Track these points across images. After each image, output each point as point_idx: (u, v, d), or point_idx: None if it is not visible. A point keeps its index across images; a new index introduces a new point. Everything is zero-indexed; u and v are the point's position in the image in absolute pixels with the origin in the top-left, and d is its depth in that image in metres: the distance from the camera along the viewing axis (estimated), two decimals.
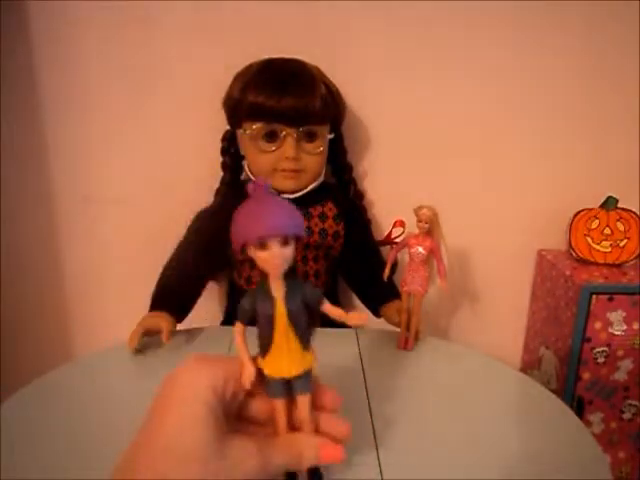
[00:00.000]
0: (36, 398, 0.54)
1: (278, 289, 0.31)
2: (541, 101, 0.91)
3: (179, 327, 0.71)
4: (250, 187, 0.32)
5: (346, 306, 0.94)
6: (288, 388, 0.33)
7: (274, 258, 0.30)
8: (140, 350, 0.64)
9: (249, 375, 0.32)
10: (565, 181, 0.94)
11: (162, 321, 0.66)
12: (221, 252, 0.75)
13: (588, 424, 0.86)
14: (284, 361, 0.32)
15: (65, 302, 0.97)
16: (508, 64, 0.89)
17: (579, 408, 0.85)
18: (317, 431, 0.34)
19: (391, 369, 0.61)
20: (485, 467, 0.44)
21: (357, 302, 0.90)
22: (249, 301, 0.32)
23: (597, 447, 0.48)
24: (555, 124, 0.92)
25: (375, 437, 0.48)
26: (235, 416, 0.33)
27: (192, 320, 0.74)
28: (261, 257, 0.30)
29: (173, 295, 0.72)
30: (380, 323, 0.77)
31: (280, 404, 0.33)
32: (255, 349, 0.33)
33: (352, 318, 0.33)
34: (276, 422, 0.34)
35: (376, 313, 0.79)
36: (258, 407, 0.34)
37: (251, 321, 0.33)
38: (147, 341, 0.65)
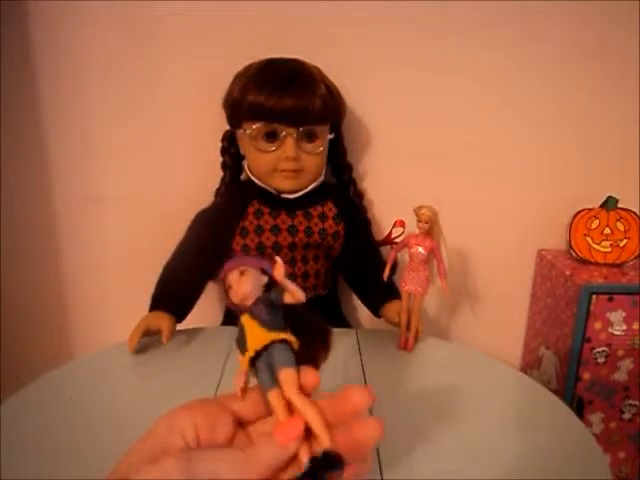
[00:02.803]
0: (36, 398, 0.54)
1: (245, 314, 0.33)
2: (541, 101, 0.91)
3: (179, 327, 0.71)
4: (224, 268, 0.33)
5: (346, 306, 0.94)
6: (274, 378, 0.32)
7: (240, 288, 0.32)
8: (140, 350, 0.64)
9: (240, 382, 0.33)
10: (565, 181, 0.94)
11: (162, 321, 0.66)
12: (221, 252, 0.75)
13: (588, 424, 0.86)
14: (252, 339, 0.32)
15: (65, 302, 0.97)
16: (508, 65, 0.89)
17: (579, 408, 0.85)
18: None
19: (391, 369, 0.61)
20: (485, 467, 0.44)
21: (357, 302, 0.90)
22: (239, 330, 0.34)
23: (597, 447, 0.48)
24: (555, 124, 0.92)
25: None
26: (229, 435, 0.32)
27: (192, 320, 0.74)
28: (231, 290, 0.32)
29: (173, 295, 0.72)
30: (380, 323, 0.78)
31: (273, 394, 0.31)
32: None
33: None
34: (277, 415, 0.31)
35: (376, 313, 0.79)
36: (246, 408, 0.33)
37: None
38: (147, 341, 0.65)
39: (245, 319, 0.33)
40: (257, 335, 0.33)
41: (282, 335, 0.33)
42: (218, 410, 0.31)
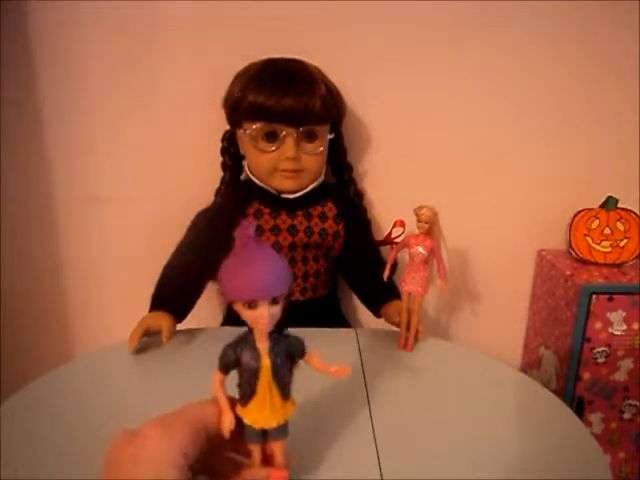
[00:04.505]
0: (36, 398, 0.54)
1: (263, 342, 0.32)
2: (541, 101, 0.91)
3: (179, 327, 0.71)
4: (238, 233, 0.31)
5: (346, 306, 0.94)
6: (264, 433, 0.34)
7: (262, 318, 0.31)
8: (140, 350, 0.64)
9: (229, 424, 0.32)
10: (565, 181, 0.94)
11: (162, 321, 0.66)
12: (221, 252, 0.75)
13: (588, 424, 0.86)
14: (266, 412, 0.32)
15: (65, 302, 0.97)
16: (508, 65, 0.89)
17: (579, 408, 0.85)
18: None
19: (391, 369, 0.61)
20: (485, 467, 0.44)
21: (357, 302, 0.90)
22: (232, 355, 0.33)
23: (597, 447, 0.48)
24: (555, 124, 0.92)
25: (375, 437, 0.48)
26: (210, 459, 0.33)
27: (192, 320, 0.74)
28: (249, 316, 0.31)
29: (173, 295, 0.72)
30: (380, 323, 0.78)
31: (256, 449, 0.34)
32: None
33: (334, 371, 0.34)
34: (253, 464, 0.34)
35: (376, 313, 0.79)
36: (235, 449, 0.35)
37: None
38: (147, 341, 0.65)
39: (264, 368, 0.32)
40: (276, 405, 0.32)
41: (292, 408, 0.34)
42: (196, 431, 0.31)
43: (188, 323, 0.73)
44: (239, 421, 0.33)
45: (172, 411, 0.32)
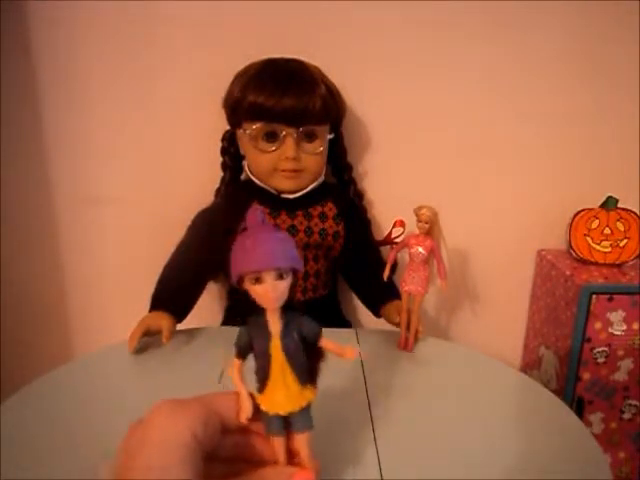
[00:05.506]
0: (36, 398, 0.54)
1: (275, 324, 0.31)
2: (541, 101, 0.90)
3: (179, 327, 0.71)
4: (248, 217, 0.31)
5: (346, 306, 0.94)
6: (287, 424, 0.32)
7: (269, 292, 0.30)
8: (140, 350, 0.64)
9: (246, 410, 0.31)
10: (565, 181, 0.94)
11: (162, 321, 0.66)
12: (221, 252, 0.75)
13: (588, 424, 0.86)
14: (280, 397, 0.31)
15: (65, 302, 0.97)
16: (508, 65, 0.89)
17: (579, 408, 0.85)
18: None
19: (391, 369, 0.61)
20: (485, 467, 0.44)
21: (357, 302, 0.90)
22: (244, 337, 0.32)
23: (597, 447, 0.48)
24: (555, 124, 0.92)
25: (375, 437, 0.48)
26: (228, 458, 0.32)
27: (192, 320, 0.74)
28: (256, 291, 0.30)
29: (173, 295, 0.72)
30: (380, 323, 0.78)
31: (278, 441, 0.32)
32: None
33: (347, 352, 0.34)
34: (276, 460, 0.33)
35: (376, 313, 0.79)
36: (257, 446, 0.33)
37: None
38: (147, 341, 0.65)
39: (275, 350, 0.31)
40: (291, 390, 0.31)
41: (311, 395, 0.32)
42: (208, 414, 0.31)
43: (188, 323, 0.73)
44: (259, 412, 0.32)
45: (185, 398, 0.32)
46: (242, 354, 0.32)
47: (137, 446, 0.28)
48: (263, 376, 0.32)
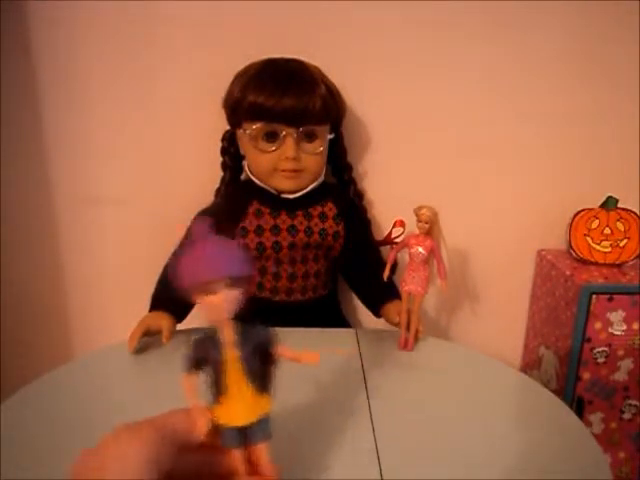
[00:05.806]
0: (36, 398, 0.54)
1: (228, 334, 0.31)
2: (541, 101, 0.90)
3: (179, 327, 0.71)
4: (193, 229, 0.31)
5: (346, 306, 0.94)
6: (244, 435, 0.32)
7: (220, 302, 0.29)
8: (140, 350, 0.64)
9: (202, 426, 0.31)
10: (565, 181, 0.94)
11: (162, 321, 0.66)
12: None
13: (588, 424, 0.86)
14: (239, 409, 0.31)
15: (65, 302, 0.97)
16: (508, 65, 0.89)
17: (579, 408, 0.85)
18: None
19: (391, 369, 0.61)
20: (485, 467, 0.44)
21: (357, 302, 0.90)
22: (197, 351, 0.31)
23: (597, 447, 0.48)
24: (555, 124, 0.92)
25: (375, 437, 0.48)
26: (189, 476, 0.32)
27: (192, 320, 0.74)
28: (208, 303, 0.30)
29: (173, 295, 0.72)
30: (380, 323, 0.78)
31: (237, 453, 0.32)
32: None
33: (305, 357, 0.33)
34: (237, 473, 0.32)
35: (376, 313, 0.79)
36: (218, 460, 0.33)
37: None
38: (147, 341, 0.65)
39: (230, 362, 0.30)
40: (249, 400, 0.30)
41: (269, 405, 0.32)
42: (162, 435, 0.30)
43: (188, 323, 0.73)
44: (215, 427, 0.31)
45: (138, 421, 0.31)
46: (195, 367, 0.32)
47: (96, 475, 0.28)
48: (219, 389, 0.31)
